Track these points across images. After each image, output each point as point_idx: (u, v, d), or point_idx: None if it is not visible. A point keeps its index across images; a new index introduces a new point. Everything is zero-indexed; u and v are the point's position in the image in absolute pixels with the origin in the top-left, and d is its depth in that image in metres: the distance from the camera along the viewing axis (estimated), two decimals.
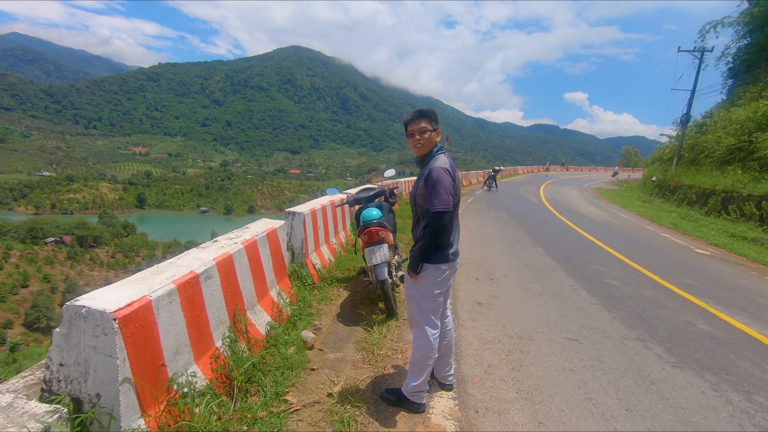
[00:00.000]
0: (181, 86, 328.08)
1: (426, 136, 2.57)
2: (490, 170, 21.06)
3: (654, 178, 20.70)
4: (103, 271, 61.73)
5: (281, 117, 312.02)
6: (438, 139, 2.65)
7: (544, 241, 8.83)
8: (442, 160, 2.53)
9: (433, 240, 2.45)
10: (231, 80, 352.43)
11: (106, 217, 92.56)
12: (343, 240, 7.03)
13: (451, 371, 3.05)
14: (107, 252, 69.73)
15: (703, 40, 22.05)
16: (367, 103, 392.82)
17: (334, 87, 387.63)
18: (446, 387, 3.05)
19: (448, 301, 2.93)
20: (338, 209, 6.85)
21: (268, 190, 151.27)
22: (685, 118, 20.85)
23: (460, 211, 4.11)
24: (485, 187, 20.08)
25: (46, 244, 65.50)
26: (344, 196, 6.82)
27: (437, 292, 2.58)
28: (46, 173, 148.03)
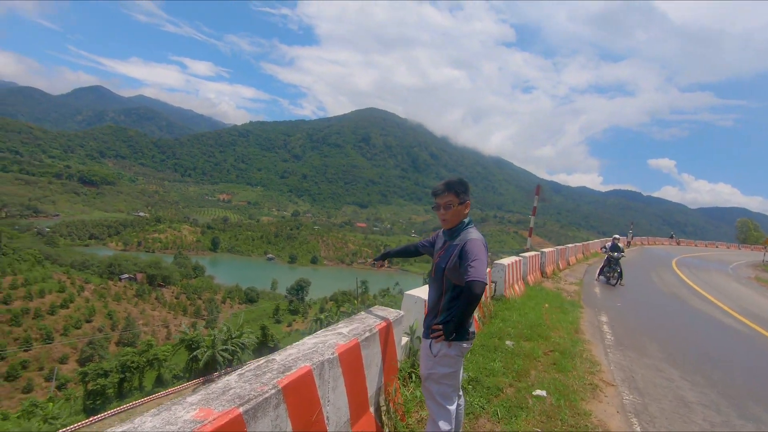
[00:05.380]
0: (266, 142, 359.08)
1: (451, 210, 2.55)
2: (606, 247, 13.29)
3: None
4: (164, 311, 62.30)
5: (353, 172, 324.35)
6: (467, 211, 2.59)
7: None
8: (476, 233, 2.51)
9: (467, 313, 2.36)
10: (311, 137, 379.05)
11: (180, 257, 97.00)
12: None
13: None
14: (173, 292, 71.17)
15: None
16: (437, 162, 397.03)
17: (405, 146, 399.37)
18: None
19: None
20: None
21: (333, 242, 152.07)
22: None
23: None
24: (600, 278, 13.15)
25: (120, 280, 68.54)
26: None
27: (454, 371, 2.51)
28: (141, 214, 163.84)
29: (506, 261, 8.11)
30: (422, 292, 3.93)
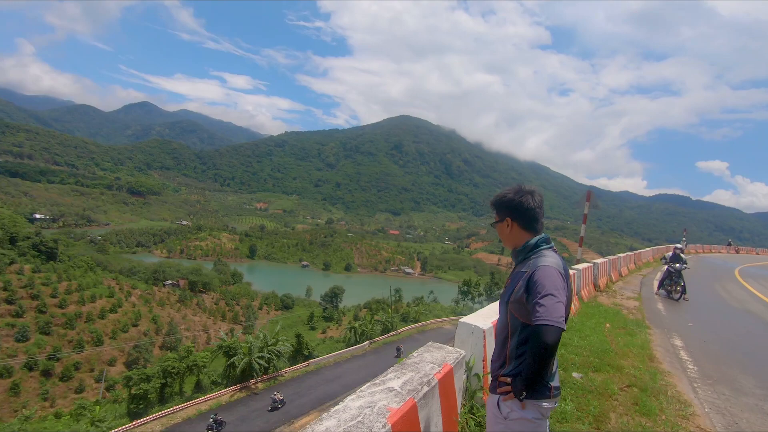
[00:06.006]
0: (301, 151, 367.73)
1: (496, 228, 2.15)
2: (667, 257, 12.12)
3: None
4: (204, 317, 64.20)
5: (386, 180, 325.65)
6: (509, 230, 2.09)
7: None
8: (551, 258, 1.94)
9: (539, 366, 1.79)
10: (344, 146, 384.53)
11: (220, 264, 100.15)
12: None
13: None
14: (212, 298, 73.35)
15: None
16: (470, 168, 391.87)
17: (438, 153, 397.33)
18: None
19: None
20: None
21: (366, 249, 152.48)
22: None
23: None
24: (660, 291, 12.03)
25: (164, 286, 71.42)
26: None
27: None
28: (184, 222, 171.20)
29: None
30: (480, 319, 3.35)
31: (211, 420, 21.32)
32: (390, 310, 52.71)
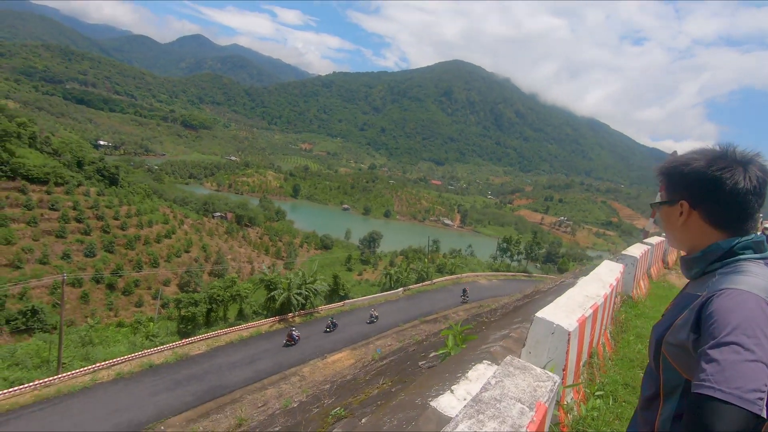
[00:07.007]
0: (348, 93, 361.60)
1: (661, 214, 1.25)
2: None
3: None
4: (248, 249, 67.77)
5: (432, 128, 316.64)
6: (681, 220, 1.15)
7: None
8: (756, 279, 1.00)
9: None
10: (392, 90, 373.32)
11: (265, 201, 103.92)
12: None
13: None
14: (257, 233, 76.87)
15: None
16: (522, 121, 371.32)
17: (489, 102, 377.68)
18: None
19: None
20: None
21: (407, 197, 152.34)
22: None
23: None
24: None
25: (213, 217, 75.35)
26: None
27: None
28: (233, 158, 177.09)
29: (636, 251, 6.37)
30: (562, 314, 2.58)
31: (330, 321, 27.26)
32: (426, 260, 52.91)
